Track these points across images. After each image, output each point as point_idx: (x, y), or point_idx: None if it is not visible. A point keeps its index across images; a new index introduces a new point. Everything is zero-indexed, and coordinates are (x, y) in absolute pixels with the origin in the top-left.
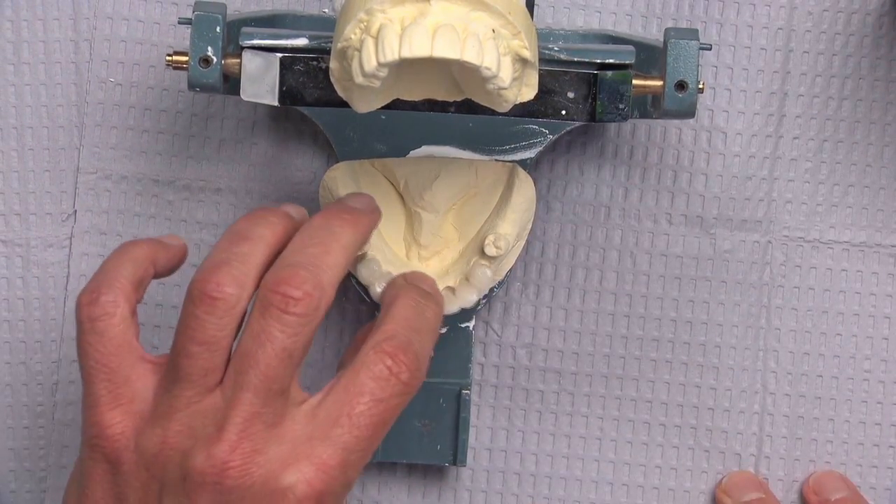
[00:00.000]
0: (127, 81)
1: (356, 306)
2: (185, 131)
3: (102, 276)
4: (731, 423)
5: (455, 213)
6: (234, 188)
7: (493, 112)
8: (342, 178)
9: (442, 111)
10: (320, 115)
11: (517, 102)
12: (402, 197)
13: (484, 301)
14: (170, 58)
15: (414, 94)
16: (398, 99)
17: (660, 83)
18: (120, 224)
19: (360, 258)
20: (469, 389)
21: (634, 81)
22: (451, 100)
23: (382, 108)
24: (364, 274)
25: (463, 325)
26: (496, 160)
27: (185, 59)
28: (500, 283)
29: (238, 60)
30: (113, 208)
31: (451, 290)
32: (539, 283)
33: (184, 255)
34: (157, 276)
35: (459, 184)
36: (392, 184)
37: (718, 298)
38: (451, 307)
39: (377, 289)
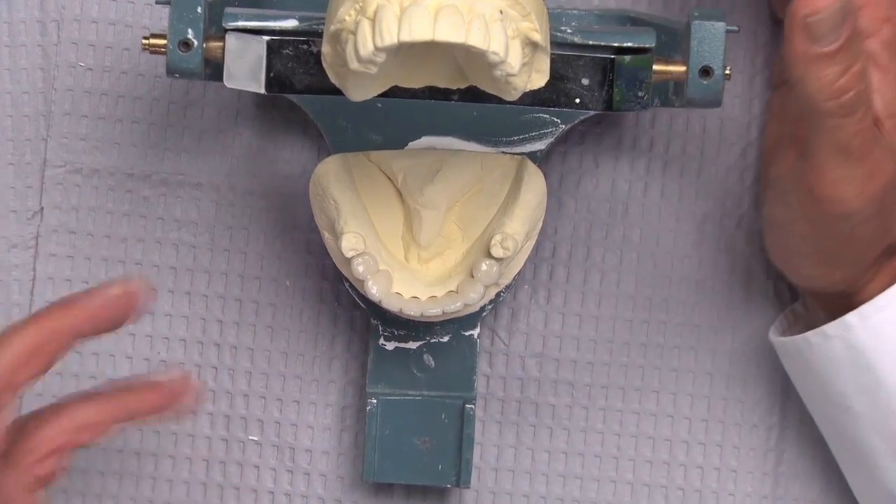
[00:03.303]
0: (98, 66)
1: (349, 312)
2: (162, 121)
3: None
4: (759, 438)
5: (458, 210)
6: (216, 183)
7: (500, 100)
8: (335, 173)
9: (444, 99)
10: (311, 103)
11: (527, 90)
12: (400, 193)
13: (490, 306)
14: (146, 41)
15: (414, 81)
16: (396, 86)
17: (683, 69)
18: (90, 222)
19: (352, 257)
20: (473, 403)
21: (655, 67)
22: (454, 87)
23: (379, 95)
24: (359, 270)
25: (467, 334)
26: (503, 152)
27: (162, 42)
28: (508, 287)
29: (221, 44)
30: (83, 205)
31: (454, 292)
32: (550, 286)
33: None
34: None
35: (463, 178)
36: (389, 178)
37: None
38: (454, 305)
39: (371, 287)
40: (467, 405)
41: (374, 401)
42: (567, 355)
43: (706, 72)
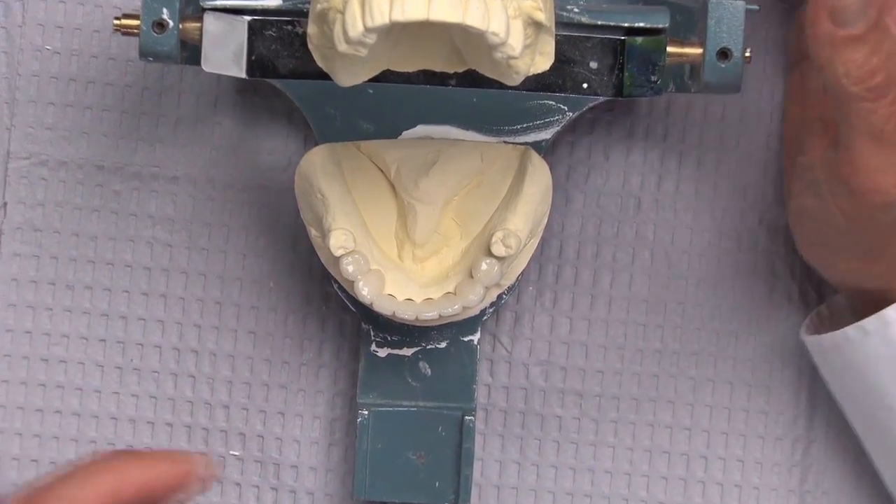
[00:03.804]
0: (66, 49)
1: (338, 316)
2: (135, 108)
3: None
4: (783, 453)
5: (456, 205)
6: (194, 176)
7: (500, 86)
8: (322, 164)
9: (440, 84)
10: (296, 89)
11: (530, 74)
12: (393, 186)
13: (490, 310)
14: (118, 21)
15: (407, 65)
16: (389, 70)
17: (699, 51)
18: (57, 219)
19: (341, 256)
20: (473, 415)
21: (669, 49)
22: (451, 71)
23: (370, 80)
24: (348, 270)
25: (466, 339)
26: (505, 142)
27: (135, 23)
28: (511, 289)
29: (199, 24)
30: (49, 200)
31: (452, 294)
32: (556, 288)
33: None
34: None
35: (462, 171)
36: (381, 171)
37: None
38: (452, 308)
39: (362, 288)
40: (466, 417)
41: (366, 412)
42: (575, 363)
43: (724, 54)
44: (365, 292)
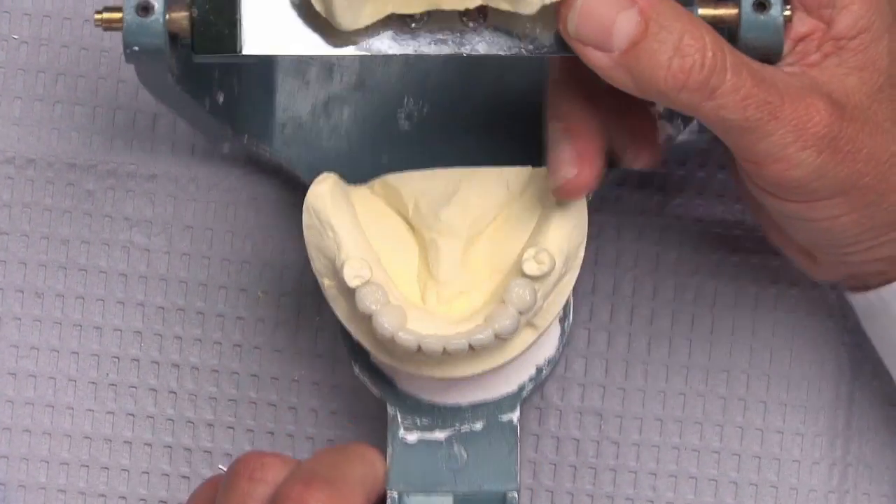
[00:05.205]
0: (35, 38)
1: (333, 329)
2: (109, 102)
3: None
4: (820, 477)
5: (485, 239)
6: (174, 175)
7: (517, 56)
8: (332, 194)
9: (454, 55)
10: (287, 154)
11: (546, 3)
12: (412, 228)
13: (530, 384)
14: (99, 16)
15: (413, 5)
16: (390, 26)
17: (734, 11)
18: (26, 221)
19: (357, 287)
20: (517, 493)
21: (700, 11)
22: (461, 8)
23: (366, 57)
24: (366, 301)
25: (504, 419)
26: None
27: (118, 16)
28: (551, 362)
29: (187, 14)
30: (17, 201)
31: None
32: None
33: None
34: None
35: (486, 199)
36: (399, 213)
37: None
38: (484, 334)
39: (382, 319)
40: (509, 493)
41: (395, 495)
42: (593, 378)
43: (762, 5)
44: (385, 323)
